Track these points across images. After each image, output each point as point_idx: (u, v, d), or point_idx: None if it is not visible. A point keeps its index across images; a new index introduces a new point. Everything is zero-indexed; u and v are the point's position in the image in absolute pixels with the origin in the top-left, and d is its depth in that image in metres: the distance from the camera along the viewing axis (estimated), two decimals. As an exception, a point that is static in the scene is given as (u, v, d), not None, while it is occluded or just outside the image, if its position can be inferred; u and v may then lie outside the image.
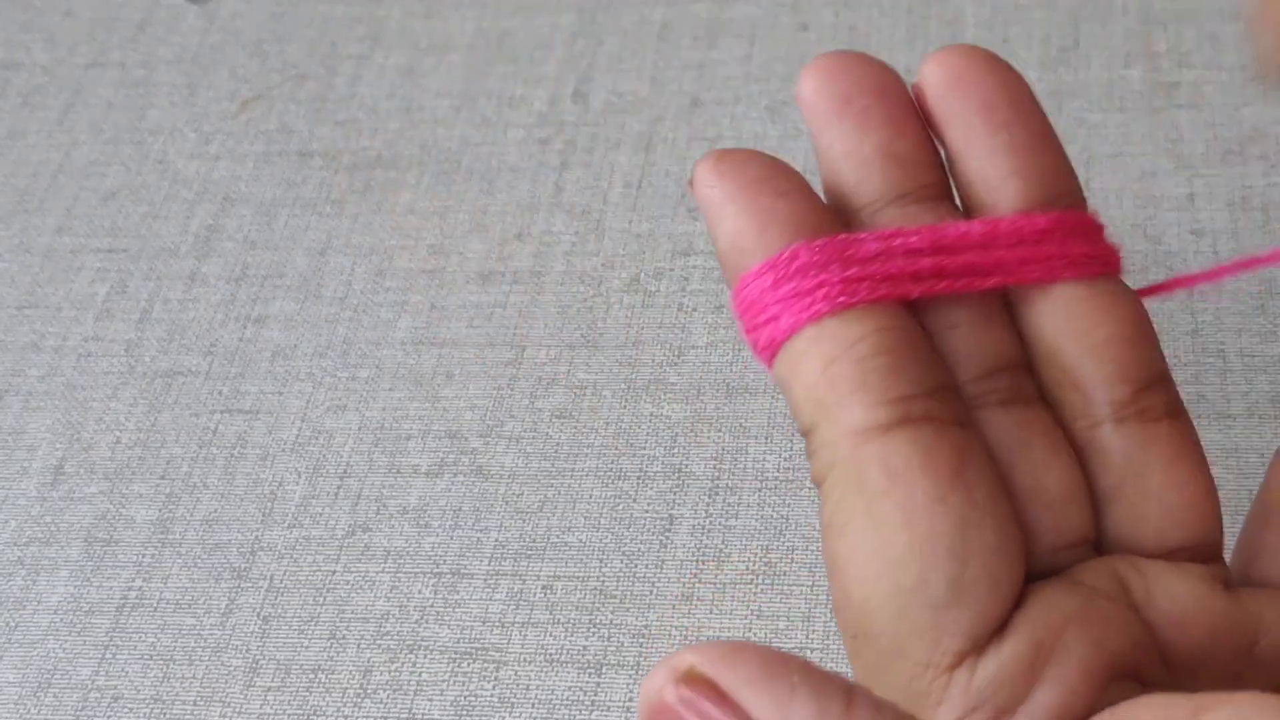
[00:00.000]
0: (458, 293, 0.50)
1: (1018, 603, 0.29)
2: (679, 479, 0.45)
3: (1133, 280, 0.33)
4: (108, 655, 0.43)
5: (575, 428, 0.46)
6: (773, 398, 0.46)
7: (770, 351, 0.31)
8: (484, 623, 0.43)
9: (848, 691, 0.25)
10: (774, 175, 0.32)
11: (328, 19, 0.60)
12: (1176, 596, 0.30)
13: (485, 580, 0.44)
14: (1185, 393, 0.44)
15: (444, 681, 0.42)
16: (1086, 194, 0.48)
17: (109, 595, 0.45)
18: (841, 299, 0.30)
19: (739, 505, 0.44)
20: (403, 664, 0.42)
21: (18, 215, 0.55)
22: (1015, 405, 0.32)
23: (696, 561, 0.43)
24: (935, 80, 0.32)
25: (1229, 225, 0.48)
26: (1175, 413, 0.32)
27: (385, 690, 0.42)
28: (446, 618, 0.43)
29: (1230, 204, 0.49)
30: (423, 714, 0.41)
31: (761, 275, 0.31)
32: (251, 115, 0.57)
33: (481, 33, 0.58)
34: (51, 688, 0.43)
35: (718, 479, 0.45)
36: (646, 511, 0.44)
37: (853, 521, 0.29)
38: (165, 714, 0.42)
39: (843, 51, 0.32)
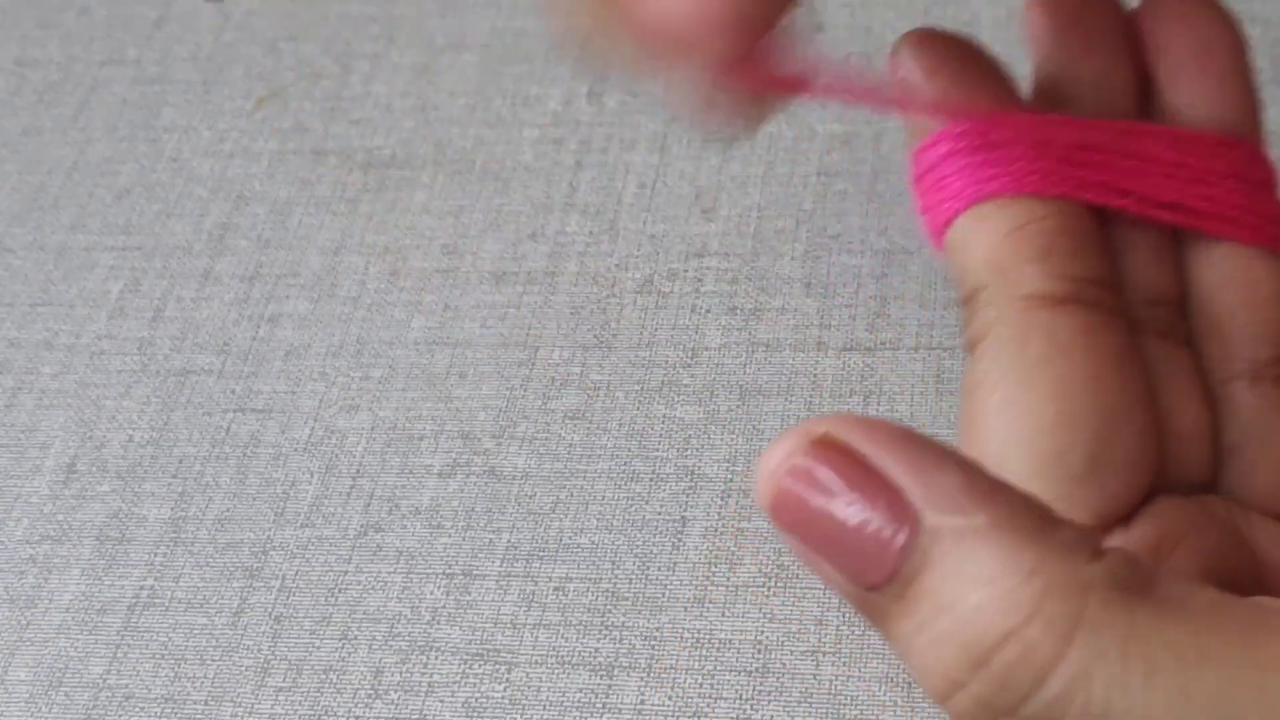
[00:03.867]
0: (471, 293, 0.50)
1: (1144, 503, 0.30)
2: (692, 481, 0.45)
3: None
4: (119, 654, 0.43)
5: (588, 429, 0.46)
6: (786, 400, 0.46)
7: (949, 215, 0.31)
8: (495, 624, 0.43)
9: (994, 474, 0.24)
10: (981, 64, 0.33)
11: (343, 17, 0.60)
12: (1272, 550, 0.31)
13: (497, 581, 0.43)
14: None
15: (455, 683, 0.42)
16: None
17: (121, 594, 0.45)
18: (1033, 178, 0.31)
19: (752, 508, 0.44)
20: (414, 665, 0.42)
21: (32, 212, 0.55)
22: (1167, 339, 0.32)
23: (709, 564, 0.43)
24: (1165, 12, 0.33)
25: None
26: None
27: (396, 691, 0.42)
28: (458, 619, 0.43)
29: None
30: (434, 715, 0.41)
31: (952, 139, 0.32)
32: (266, 113, 0.57)
33: (496, 32, 0.58)
34: (63, 686, 0.43)
35: (730, 481, 0.45)
36: (659, 514, 0.44)
37: (1006, 382, 0.30)
38: (176, 713, 0.42)
39: None
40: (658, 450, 0.46)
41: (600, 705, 0.41)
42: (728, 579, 0.43)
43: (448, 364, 0.49)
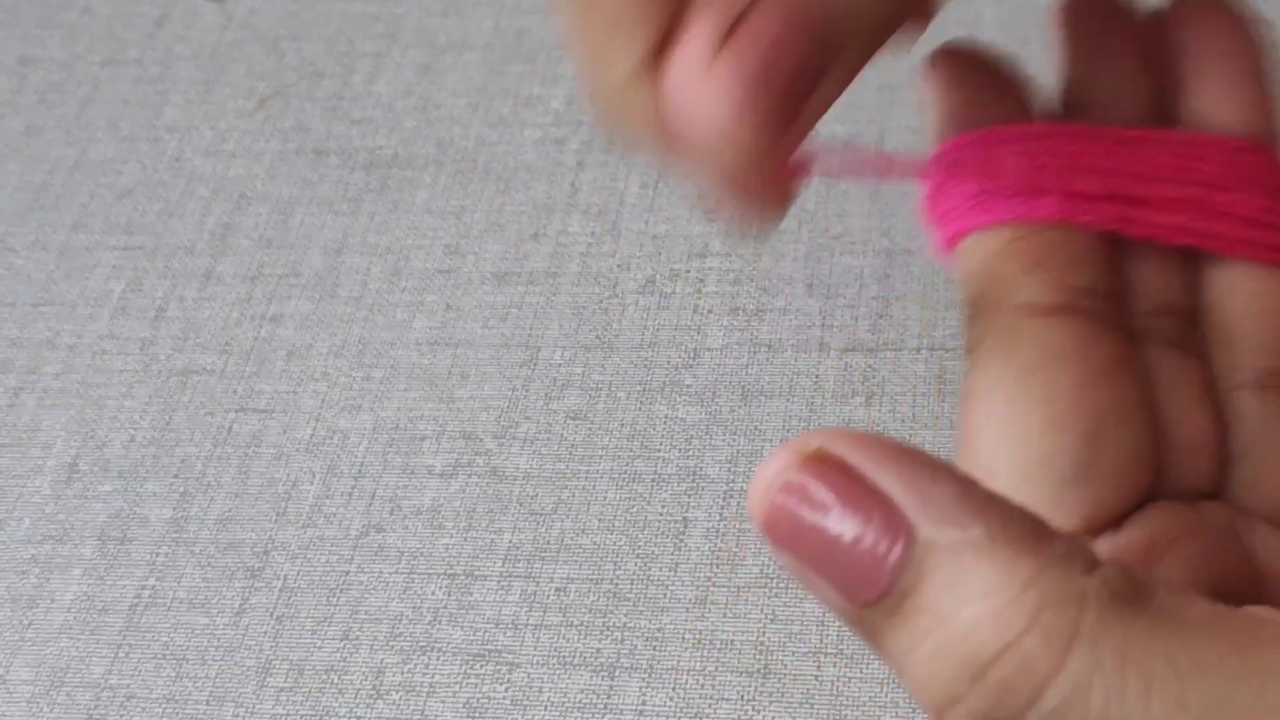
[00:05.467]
0: (473, 293, 0.50)
1: (1137, 508, 0.30)
2: (694, 482, 0.45)
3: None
4: (121, 654, 0.43)
5: (590, 429, 0.46)
6: (788, 400, 0.46)
7: (956, 234, 0.32)
8: (497, 625, 0.43)
9: (988, 486, 0.24)
10: (1002, 80, 0.33)
11: (345, 17, 0.60)
12: (1273, 560, 0.30)
13: (499, 582, 0.43)
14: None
15: (457, 683, 0.42)
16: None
17: (122, 594, 0.45)
18: (1040, 206, 0.31)
19: (754, 509, 0.44)
20: (415, 665, 0.42)
21: (34, 212, 0.55)
22: (1176, 349, 0.32)
23: (711, 565, 0.43)
24: (1187, 19, 0.33)
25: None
26: None
27: (398, 691, 0.42)
28: (460, 619, 0.43)
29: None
30: (435, 716, 0.41)
31: (962, 154, 0.32)
32: (268, 113, 0.57)
33: (499, 31, 0.58)
34: (65, 686, 0.43)
35: (732, 482, 0.45)
36: (661, 514, 0.44)
37: (997, 390, 0.30)
38: (178, 713, 0.42)
39: None
40: (659, 451, 0.46)
41: (602, 706, 0.41)
42: (729, 580, 0.43)
43: (449, 364, 0.49)
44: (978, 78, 0.34)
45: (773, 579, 0.42)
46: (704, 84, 0.27)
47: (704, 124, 0.28)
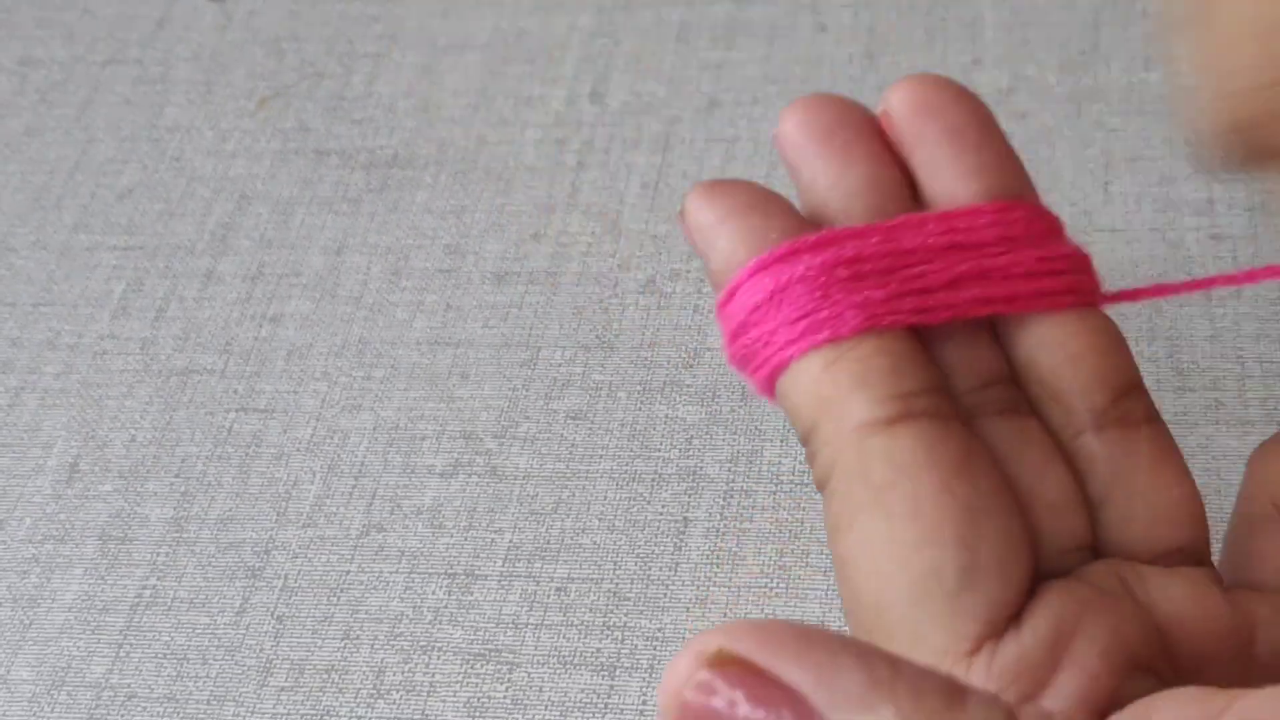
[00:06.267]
0: (473, 293, 0.50)
1: (1030, 595, 0.30)
2: (694, 481, 0.45)
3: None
4: (122, 653, 0.43)
5: (590, 429, 0.46)
6: (788, 400, 0.46)
7: (769, 373, 0.32)
8: (498, 624, 0.43)
9: (890, 656, 0.24)
10: (763, 200, 0.33)
11: (345, 17, 0.60)
12: (1176, 598, 0.31)
13: (499, 581, 0.43)
14: (1203, 399, 0.44)
15: (457, 683, 0.42)
16: (1105, 197, 0.48)
17: (123, 593, 0.45)
18: (835, 319, 0.31)
19: (753, 508, 0.44)
20: (416, 665, 0.42)
21: (34, 212, 0.55)
22: (1010, 415, 0.32)
23: (711, 565, 0.43)
24: (902, 106, 0.33)
25: (1248, 230, 0.48)
26: (1153, 418, 0.33)
27: (398, 691, 0.42)
28: (460, 619, 0.43)
29: (1250, 209, 0.48)
30: (436, 715, 0.41)
31: (756, 274, 0.32)
32: (268, 113, 0.57)
33: (499, 32, 0.58)
34: (65, 685, 0.43)
35: (732, 482, 0.45)
36: (661, 514, 0.44)
37: (860, 516, 0.30)
38: (179, 713, 0.42)
39: (820, 94, 0.34)
40: (660, 451, 0.46)
41: (602, 706, 0.41)
42: (730, 579, 0.43)
43: (450, 364, 0.49)
44: (737, 205, 0.33)
45: (772, 578, 0.43)
46: None
47: None
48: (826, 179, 0.33)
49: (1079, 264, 0.34)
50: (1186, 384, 0.44)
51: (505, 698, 0.41)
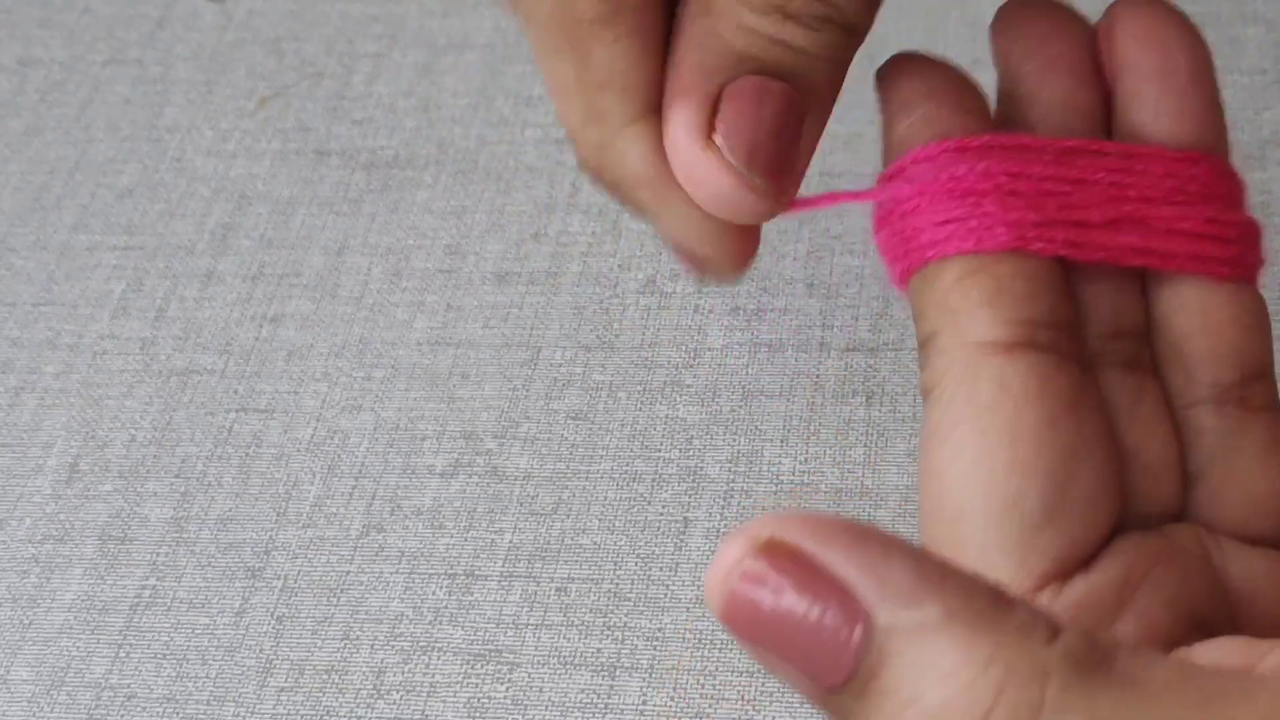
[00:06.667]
0: (474, 293, 0.50)
1: (1107, 543, 0.30)
2: (694, 482, 0.45)
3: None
4: (121, 654, 0.43)
5: (591, 429, 0.46)
6: (788, 400, 0.46)
7: (908, 267, 0.32)
8: (498, 625, 0.43)
9: (942, 559, 0.24)
10: (958, 89, 0.33)
11: (345, 17, 0.60)
12: (1251, 572, 0.31)
13: (499, 582, 0.43)
14: None
15: (457, 683, 0.42)
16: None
17: (123, 593, 0.45)
18: (990, 234, 0.31)
19: (754, 508, 0.44)
20: (416, 665, 0.42)
21: (34, 212, 0.55)
22: (1133, 370, 0.32)
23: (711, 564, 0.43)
24: (1121, 28, 0.33)
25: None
26: (1273, 408, 0.32)
27: (398, 691, 0.42)
28: (460, 619, 0.43)
29: (1251, 208, 0.48)
30: (436, 715, 0.41)
31: (920, 163, 0.32)
32: (269, 113, 0.57)
33: (499, 31, 0.58)
34: (65, 686, 0.43)
35: (733, 482, 0.45)
36: (661, 514, 0.44)
37: (958, 431, 0.30)
38: (178, 713, 0.42)
39: None
40: (660, 451, 0.46)
41: (602, 706, 0.41)
42: (730, 579, 0.43)
43: (450, 364, 0.49)
44: (929, 88, 0.33)
45: (773, 579, 0.42)
46: (705, 156, 0.30)
47: (711, 191, 0.31)
48: (1025, 86, 0.33)
49: (1248, 235, 0.33)
50: None
51: (505, 698, 0.41)
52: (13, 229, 0.55)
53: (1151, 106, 0.33)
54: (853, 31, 0.33)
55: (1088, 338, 0.32)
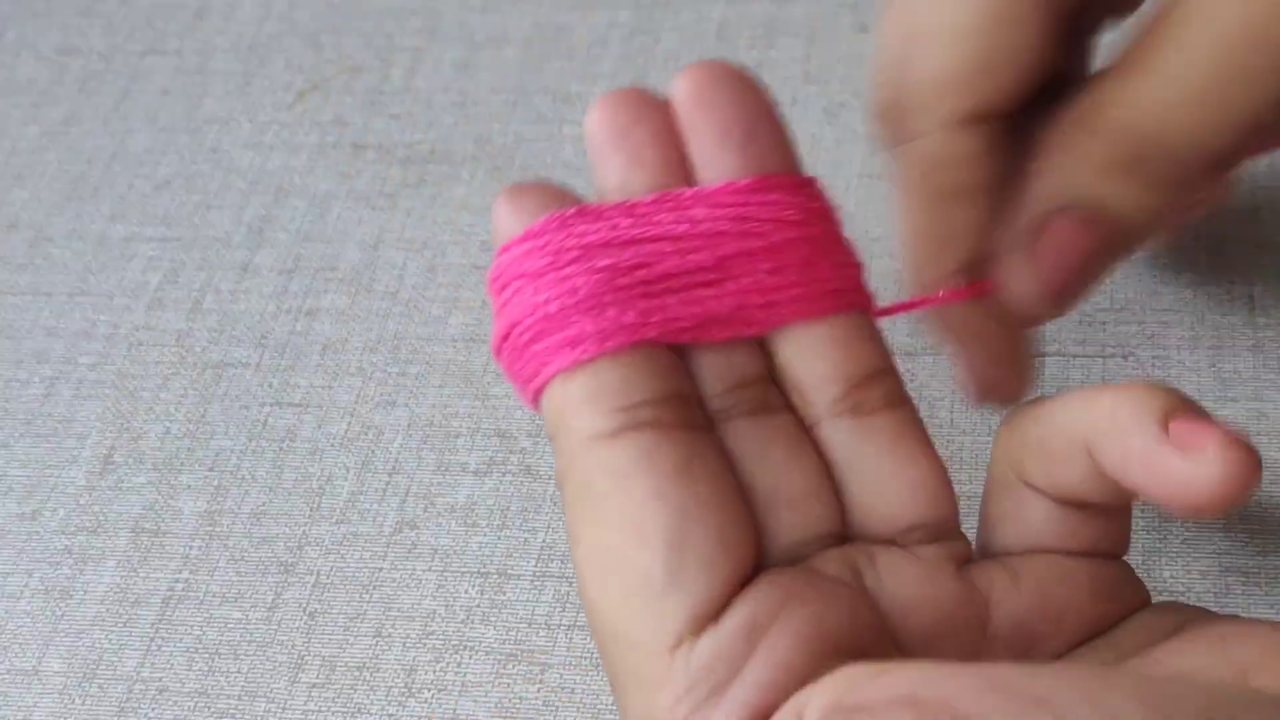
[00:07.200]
0: (510, 290, 0.50)
1: (742, 588, 0.31)
2: (729, 484, 0.44)
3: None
4: (153, 647, 0.43)
5: (625, 429, 0.46)
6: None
7: (534, 393, 0.33)
8: (530, 625, 0.42)
9: None
10: (556, 198, 0.35)
11: (384, 11, 0.60)
12: (907, 581, 0.32)
13: (532, 581, 0.43)
14: (1245, 410, 0.43)
15: (489, 683, 0.41)
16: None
17: (155, 586, 0.45)
18: (605, 347, 0.32)
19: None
20: (448, 664, 0.42)
21: (71, 202, 0.55)
22: (761, 414, 0.34)
23: (745, 568, 0.43)
24: (681, 97, 0.34)
25: (1293, 239, 0.47)
26: (895, 403, 0.34)
27: (430, 690, 0.42)
28: (492, 618, 0.43)
29: (1294, 217, 0.48)
30: (467, 715, 0.41)
31: (516, 246, 0.34)
32: (306, 106, 0.57)
33: (538, 27, 0.58)
34: (97, 678, 0.43)
35: (768, 485, 0.44)
36: (696, 516, 0.44)
37: (582, 525, 0.32)
38: (210, 707, 0.42)
39: (626, 89, 0.35)
40: (695, 452, 0.45)
41: (634, 708, 0.40)
42: (764, 583, 0.42)
43: (485, 361, 0.48)
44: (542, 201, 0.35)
45: (807, 583, 0.42)
46: (1021, 277, 0.35)
47: (1016, 302, 0.35)
48: (614, 180, 0.34)
49: (843, 280, 0.35)
50: (1228, 394, 0.44)
51: (537, 699, 0.41)
52: (50, 219, 0.55)
53: (714, 164, 0.34)
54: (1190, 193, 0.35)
55: (708, 397, 0.33)
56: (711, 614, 0.30)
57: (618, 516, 0.31)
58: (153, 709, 0.42)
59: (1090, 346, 0.46)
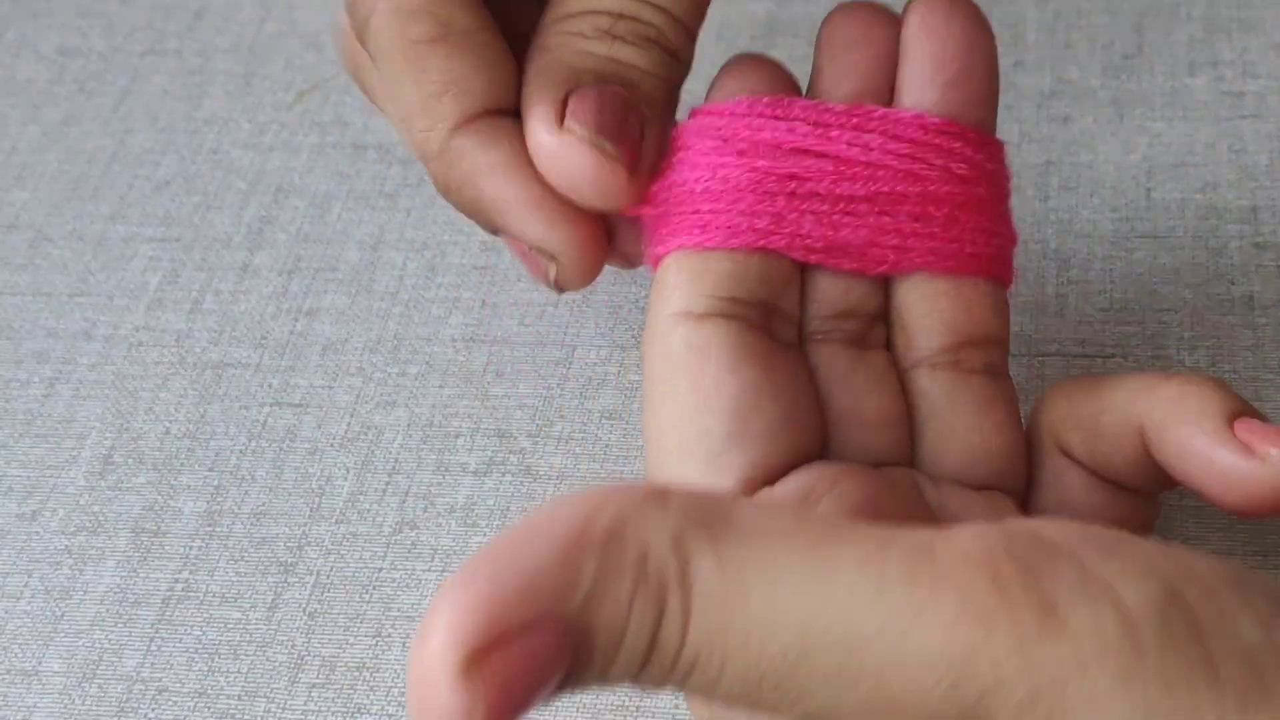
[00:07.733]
0: (509, 290, 0.50)
1: (795, 467, 0.33)
2: (729, 484, 0.44)
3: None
4: (153, 647, 0.43)
5: (625, 429, 0.46)
6: (825, 404, 0.46)
7: (659, 254, 0.36)
8: (530, 625, 0.42)
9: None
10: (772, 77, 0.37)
11: (384, 11, 0.60)
12: (970, 508, 0.34)
13: (532, 581, 0.43)
14: (1246, 410, 0.43)
15: (489, 683, 0.41)
16: (1147, 203, 0.47)
17: (155, 587, 0.45)
18: (729, 241, 0.35)
19: (789, 512, 0.44)
20: (448, 664, 0.42)
21: (71, 202, 0.55)
22: (858, 346, 0.36)
23: (745, 568, 0.43)
24: (912, 19, 0.36)
25: (1293, 239, 0.47)
26: (995, 372, 0.36)
27: (430, 690, 0.41)
28: (492, 618, 0.43)
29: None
30: (467, 715, 0.41)
31: (705, 116, 0.36)
32: (306, 107, 0.57)
33: (538, 28, 0.58)
34: (96, 678, 0.43)
35: (768, 485, 0.44)
36: (695, 516, 0.44)
37: (656, 388, 0.34)
38: (209, 707, 0.42)
39: (869, 2, 0.37)
40: (695, 452, 0.45)
41: (634, 709, 0.41)
42: (764, 584, 0.42)
43: (485, 361, 0.48)
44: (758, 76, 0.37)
45: (807, 584, 0.42)
46: (559, 138, 0.35)
47: (568, 167, 0.35)
48: (824, 84, 0.36)
49: (997, 246, 0.36)
50: (1228, 394, 0.44)
51: (537, 699, 0.41)
52: (49, 219, 0.55)
53: (916, 94, 0.36)
54: (675, 55, 0.37)
55: (812, 318, 0.36)
56: (766, 479, 0.32)
57: (689, 384, 0.33)
58: (153, 709, 0.42)
59: (1090, 346, 0.46)
